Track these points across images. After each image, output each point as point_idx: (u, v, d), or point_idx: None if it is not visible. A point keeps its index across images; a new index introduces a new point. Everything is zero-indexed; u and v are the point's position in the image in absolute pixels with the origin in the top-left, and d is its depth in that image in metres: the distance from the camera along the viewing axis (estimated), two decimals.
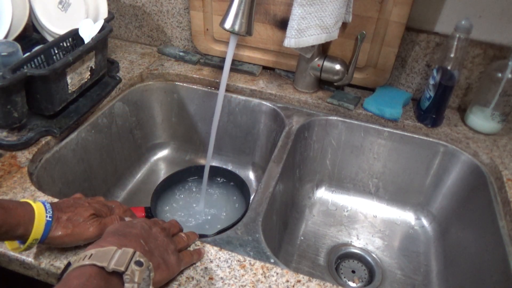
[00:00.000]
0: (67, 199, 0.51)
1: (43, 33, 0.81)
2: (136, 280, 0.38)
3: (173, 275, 0.47)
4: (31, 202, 0.45)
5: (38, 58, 0.68)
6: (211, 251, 0.52)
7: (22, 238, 0.44)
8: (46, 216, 0.45)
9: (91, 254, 0.38)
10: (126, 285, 0.37)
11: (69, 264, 0.40)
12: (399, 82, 0.89)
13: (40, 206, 0.45)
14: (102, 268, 0.37)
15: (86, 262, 0.38)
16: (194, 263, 0.50)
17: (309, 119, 0.83)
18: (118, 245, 0.40)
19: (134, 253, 0.40)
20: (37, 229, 0.44)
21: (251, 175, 0.97)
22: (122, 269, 0.37)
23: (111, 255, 0.38)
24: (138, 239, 0.43)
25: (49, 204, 0.47)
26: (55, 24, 0.79)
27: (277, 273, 0.50)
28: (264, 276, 0.49)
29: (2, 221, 0.42)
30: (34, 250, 0.50)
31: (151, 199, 0.78)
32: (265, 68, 0.94)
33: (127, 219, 0.53)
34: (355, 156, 0.87)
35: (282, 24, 0.84)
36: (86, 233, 0.47)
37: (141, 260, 0.40)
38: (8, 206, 0.43)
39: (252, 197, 0.68)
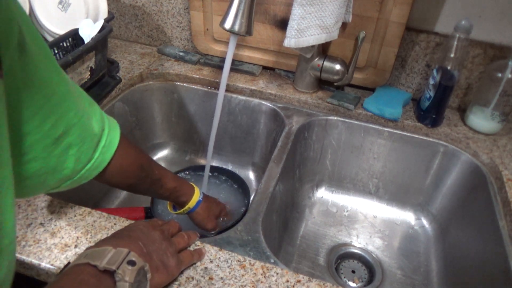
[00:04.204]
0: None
1: (43, 33, 0.81)
2: (127, 279, 0.38)
3: (173, 277, 0.47)
4: (194, 185, 0.64)
5: None
6: (211, 251, 0.52)
7: (182, 204, 0.62)
8: (199, 197, 0.64)
9: (87, 254, 0.39)
10: (117, 283, 0.38)
11: (68, 263, 0.41)
12: (399, 82, 0.89)
13: (198, 190, 0.64)
14: (95, 266, 0.38)
15: (81, 261, 0.39)
16: (194, 263, 0.50)
17: (309, 119, 0.83)
18: (114, 246, 0.41)
19: (128, 253, 0.40)
20: (193, 202, 0.62)
21: (251, 175, 0.97)
22: (113, 267, 0.38)
23: (105, 255, 0.39)
24: (137, 241, 0.44)
25: (202, 192, 0.65)
26: (55, 24, 0.79)
27: (277, 273, 0.50)
28: (264, 276, 0.49)
29: (180, 187, 0.60)
30: (33, 250, 0.50)
31: (151, 199, 0.78)
32: (265, 68, 0.94)
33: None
34: (355, 156, 0.87)
35: (282, 24, 0.84)
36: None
37: (134, 259, 0.40)
38: (183, 180, 0.62)
39: (252, 197, 0.68)
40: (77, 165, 0.41)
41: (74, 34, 0.75)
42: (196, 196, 0.63)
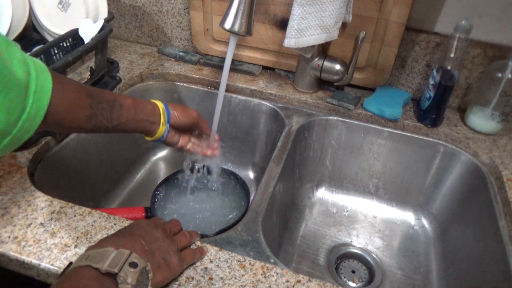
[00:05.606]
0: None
1: (43, 33, 0.81)
2: (129, 281, 0.38)
3: (175, 275, 0.47)
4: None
5: (38, 58, 0.68)
6: (211, 251, 0.52)
7: (151, 115, 0.58)
8: (162, 103, 0.61)
9: (88, 255, 0.39)
10: (119, 286, 0.38)
11: (70, 263, 0.41)
12: (399, 82, 0.89)
13: (156, 100, 0.61)
14: (97, 269, 0.38)
15: (83, 263, 0.38)
16: (196, 262, 0.50)
17: (309, 119, 0.83)
18: (116, 245, 0.41)
19: (129, 254, 0.40)
20: (164, 113, 0.60)
21: (251, 175, 0.97)
22: (115, 270, 0.38)
23: (107, 256, 0.39)
24: (139, 239, 0.44)
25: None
26: (55, 24, 0.79)
27: (277, 273, 0.50)
28: (264, 276, 0.49)
29: (138, 100, 0.57)
30: (33, 250, 0.50)
31: (151, 199, 0.78)
32: (265, 68, 0.94)
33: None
34: (355, 156, 0.87)
35: (282, 24, 0.84)
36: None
37: (136, 261, 0.40)
38: (139, 98, 0.58)
39: (252, 197, 0.68)
40: (10, 116, 0.37)
41: (74, 34, 0.75)
42: (158, 101, 0.61)
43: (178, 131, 0.65)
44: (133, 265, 0.39)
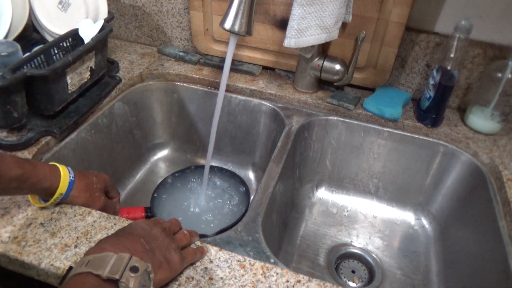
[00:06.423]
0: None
1: (43, 33, 0.81)
2: (131, 286, 0.38)
3: (176, 273, 0.47)
4: (56, 164, 0.54)
5: (38, 58, 0.68)
6: (211, 251, 0.52)
7: (47, 192, 0.52)
8: (70, 176, 0.54)
9: (89, 261, 0.39)
10: None
11: (70, 268, 0.40)
12: (399, 82, 0.89)
13: (65, 168, 0.54)
14: (98, 275, 0.37)
15: (84, 269, 0.38)
16: (197, 260, 0.50)
17: (309, 119, 0.83)
18: (116, 247, 0.41)
19: (130, 258, 0.40)
20: (64, 186, 0.53)
21: (251, 175, 0.97)
22: (117, 277, 0.37)
23: (107, 262, 0.39)
24: (139, 238, 0.44)
25: (70, 168, 0.55)
26: (55, 24, 0.79)
27: (277, 273, 0.50)
28: (264, 276, 0.49)
29: (30, 173, 0.49)
30: (33, 250, 0.50)
31: (151, 199, 0.78)
32: (265, 68, 0.94)
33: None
34: (355, 156, 0.87)
35: (282, 24, 0.85)
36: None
37: (137, 265, 0.39)
38: (36, 162, 0.51)
39: (252, 197, 0.68)
40: None
41: (74, 34, 0.75)
42: (66, 177, 0.53)
43: None
44: (134, 269, 0.39)
